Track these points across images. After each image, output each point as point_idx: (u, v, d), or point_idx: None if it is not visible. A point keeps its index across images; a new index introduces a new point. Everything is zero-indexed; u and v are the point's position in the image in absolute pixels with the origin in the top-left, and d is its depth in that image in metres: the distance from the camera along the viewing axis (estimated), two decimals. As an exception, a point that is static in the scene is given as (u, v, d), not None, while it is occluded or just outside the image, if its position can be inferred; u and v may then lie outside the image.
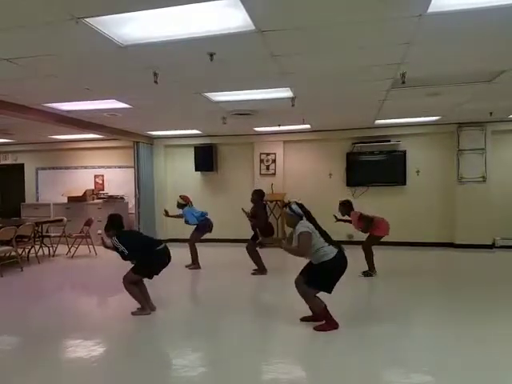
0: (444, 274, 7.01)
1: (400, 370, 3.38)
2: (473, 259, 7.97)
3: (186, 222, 7.38)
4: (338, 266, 4.11)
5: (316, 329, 4.17)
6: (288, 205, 4.33)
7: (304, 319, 4.40)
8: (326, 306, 4.17)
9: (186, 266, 7.33)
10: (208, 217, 7.40)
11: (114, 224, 4.82)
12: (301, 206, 4.30)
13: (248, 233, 6.94)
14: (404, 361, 3.54)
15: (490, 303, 5.08)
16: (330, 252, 4.08)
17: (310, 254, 4.13)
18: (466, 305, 5.06)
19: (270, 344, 4.10)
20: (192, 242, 7.34)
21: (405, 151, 9.14)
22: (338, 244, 4.22)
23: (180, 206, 7.42)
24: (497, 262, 7.79)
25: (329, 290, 4.13)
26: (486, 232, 8.66)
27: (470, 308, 4.93)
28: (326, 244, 4.11)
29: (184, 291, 6.38)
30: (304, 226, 4.12)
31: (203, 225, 7.33)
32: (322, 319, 4.21)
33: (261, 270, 6.80)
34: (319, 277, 4.12)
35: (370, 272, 6.42)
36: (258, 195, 6.96)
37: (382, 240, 6.53)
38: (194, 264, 7.37)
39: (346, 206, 6.53)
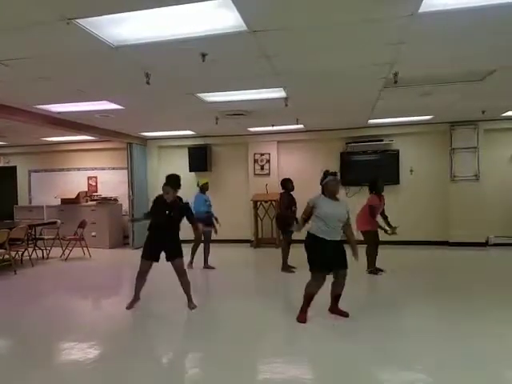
0: (439, 272, 7.03)
1: (392, 368, 3.39)
2: (467, 257, 8.01)
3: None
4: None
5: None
6: (331, 173, 4.55)
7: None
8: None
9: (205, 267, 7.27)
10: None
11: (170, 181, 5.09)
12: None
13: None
14: (396, 358, 3.55)
15: (485, 301, 5.11)
16: None
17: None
18: (460, 303, 5.07)
19: (263, 342, 4.10)
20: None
21: (398, 150, 9.20)
22: None
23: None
24: (491, 260, 7.84)
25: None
26: (480, 230, 8.71)
27: (464, 306, 4.94)
28: None
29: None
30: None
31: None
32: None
33: (284, 267, 6.82)
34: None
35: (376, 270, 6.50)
36: (282, 185, 7.00)
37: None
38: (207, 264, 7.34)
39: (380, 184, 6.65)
